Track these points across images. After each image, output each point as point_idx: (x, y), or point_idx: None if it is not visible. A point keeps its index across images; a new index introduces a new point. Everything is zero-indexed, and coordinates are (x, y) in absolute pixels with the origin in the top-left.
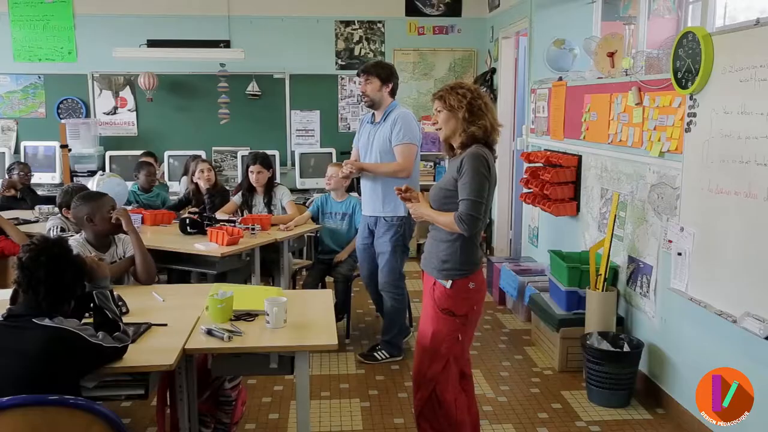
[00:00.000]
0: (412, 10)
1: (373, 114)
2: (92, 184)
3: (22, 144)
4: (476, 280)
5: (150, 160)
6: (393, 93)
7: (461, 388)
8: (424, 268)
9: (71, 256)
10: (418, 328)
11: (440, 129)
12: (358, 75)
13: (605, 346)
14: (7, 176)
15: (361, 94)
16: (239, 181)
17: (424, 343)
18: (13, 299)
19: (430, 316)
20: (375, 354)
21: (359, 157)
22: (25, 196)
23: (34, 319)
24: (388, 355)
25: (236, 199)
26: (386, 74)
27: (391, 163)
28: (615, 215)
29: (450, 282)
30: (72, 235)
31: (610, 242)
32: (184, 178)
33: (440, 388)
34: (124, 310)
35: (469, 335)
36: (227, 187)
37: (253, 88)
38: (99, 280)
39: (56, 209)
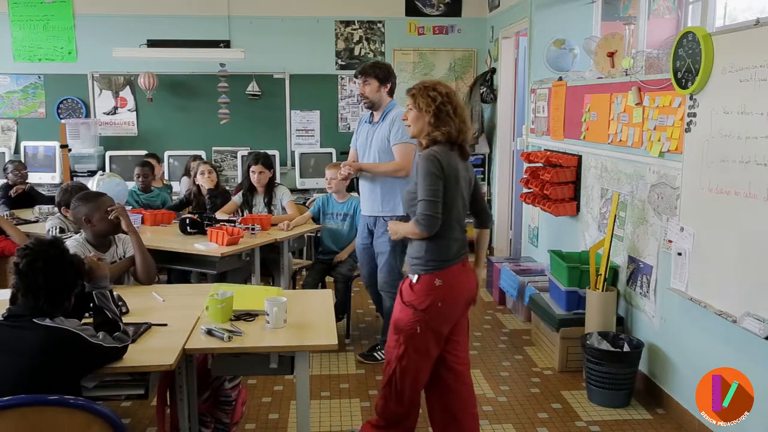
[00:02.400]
0: (412, 10)
1: (372, 114)
2: (92, 184)
3: (22, 144)
4: (444, 277)
5: (151, 160)
6: (391, 92)
7: (436, 383)
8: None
9: (68, 256)
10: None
11: (409, 126)
12: (355, 77)
13: (605, 346)
14: (5, 176)
15: (360, 95)
16: (239, 181)
17: (392, 327)
18: (13, 299)
19: (398, 303)
20: (375, 354)
21: (357, 158)
22: (33, 195)
23: (34, 319)
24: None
25: (236, 199)
26: (384, 74)
27: (390, 163)
28: (615, 215)
29: (416, 276)
30: (71, 236)
31: (610, 242)
32: (185, 178)
33: (399, 371)
34: (124, 310)
35: (437, 331)
36: (227, 188)
37: (253, 88)
38: (99, 279)
39: (56, 209)
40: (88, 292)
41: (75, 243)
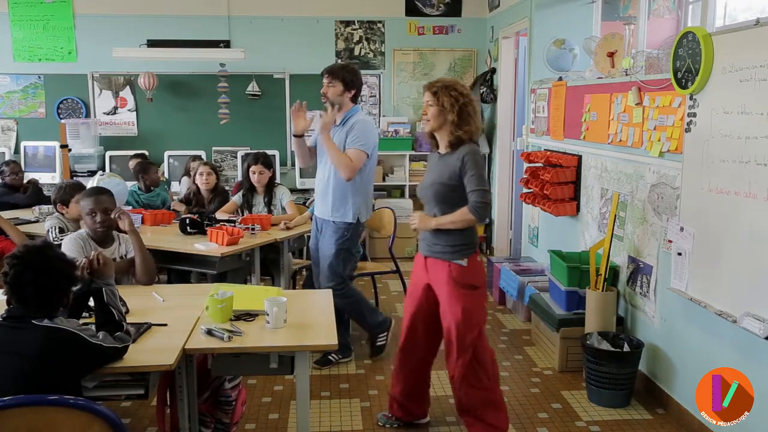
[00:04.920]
0: (412, 10)
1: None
2: (92, 185)
3: (22, 144)
4: (478, 255)
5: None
6: (355, 99)
7: (490, 348)
8: (431, 254)
9: (57, 262)
10: (444, 311)
11: (428, 121)
12: (321, 75)
13: (605, 346)
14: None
15: (322, 94)
16: (239, 181)
17: (456, 320)
18: (10, 302)
19: (454, 295)
20: (329, 357)
21: (316, 155)
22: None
23: (33, 320)
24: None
25: (236, 198)
26: (350, 79)
27: (346, 157)
28: (615, 215)
29: (465, 260)
30: (68, 235)
31: (610, 242)
32: (185, 178)
33: (478, 351)
34: (124, 309)
35: (486, 302)
36: (227, 188)
37: (253, 88)
38: (107, 276)
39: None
40: (94, 288)
41: (76, 238)
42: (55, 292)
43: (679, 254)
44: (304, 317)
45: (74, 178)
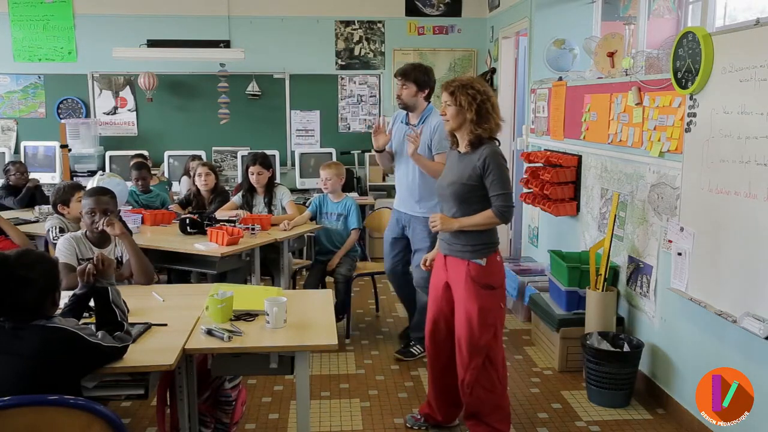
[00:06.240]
0: (412, 10)
1: (407, 115)
2: (92, 185)
3: (22, 144)
4: (499, 254)
5: (141, 160)
6: (428, 97)
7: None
8: (450, 253)
9: (32, 273)
10: (459, 310)
11: (448, 120)
12: (395, 76)
13: (605, 346)
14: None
15: (396, 96)
16: (239, 181)
17: (471, 320)
18: None
19: (472, 294)
20: (411, 350)
21: (394, 157)
22: (34, 195)
23: (32, 321)
24: (423, 350)
25: (236, 199)
26: (423, 79)
27: (440, 165)
28: (615, 215)
29: (485, 259)
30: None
31: (610, 242)
32: (185, 178)
33: (493, 352)
34: (125, 309)
35: (505, 303)
36: (227, 188)
37: (253, 88)
38: (109, 276)
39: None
40: (98, 288)
41: (69, 239)
42: (33, 301)
43: (679, 254)
44: (304, 317)
45: (74, 179)
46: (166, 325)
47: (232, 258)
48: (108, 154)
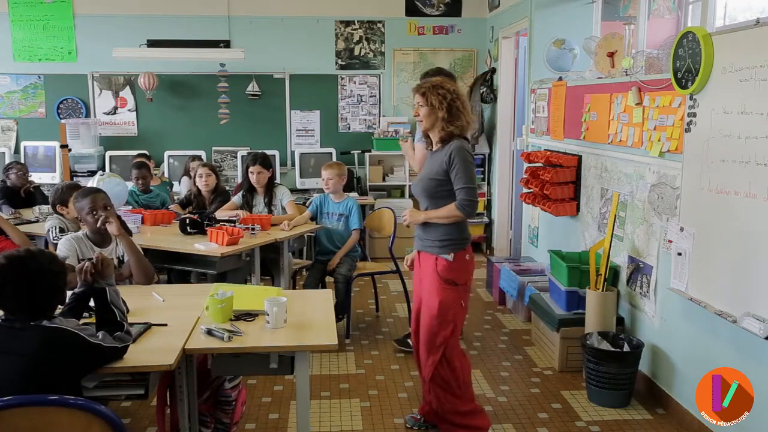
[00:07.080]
0: (412, 10)
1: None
2: (92, 185)
3: (22, 144)
4: (469, 252)
5: (143, 160)
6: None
7: (463, 354)
8: (422, 248)
9: (37, 270)
10: (423, 303)
11: (421, 121)
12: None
13: (605, 346)
14: (5, 177)
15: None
16: (239, 181)
17: (431, 313)
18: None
19: (435, 288)
20: (408, 341)
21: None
22: (35, 196)
23: (32, 321)
24: None
25: (236, 199)
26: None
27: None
28: (615, 215)
29: (452, 255)
30: (65, 235)
31: (610, 242)
32: (185, 178)
33: (449, 352)
34: (124, 309)
35: (467, 300)
36: (227, 188)
37: (253, 88)
38: (109, 276)
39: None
40: (97, 288)
41: (71, 239)
42: (41, 300)
43: (679, 254)
44: (304, 317)
45: (74, 179)
46: (166, 325)
47: (232, 258)
48: (108, 154)
